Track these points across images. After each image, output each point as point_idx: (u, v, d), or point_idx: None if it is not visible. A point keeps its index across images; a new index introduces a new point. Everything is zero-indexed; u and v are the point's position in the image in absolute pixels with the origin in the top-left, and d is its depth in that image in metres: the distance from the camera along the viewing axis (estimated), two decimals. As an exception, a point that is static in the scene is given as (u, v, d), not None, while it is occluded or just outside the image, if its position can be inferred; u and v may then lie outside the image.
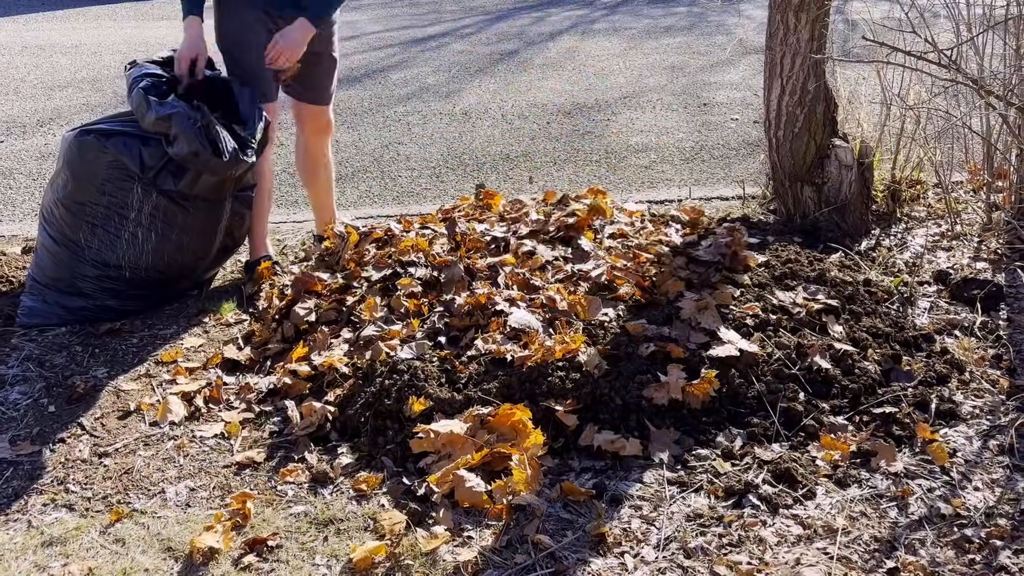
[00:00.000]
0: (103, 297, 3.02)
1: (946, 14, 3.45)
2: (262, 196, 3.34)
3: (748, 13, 8.57)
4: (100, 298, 3.01)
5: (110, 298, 3.03)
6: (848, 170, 3.39)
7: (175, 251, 3.06)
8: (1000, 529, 1.93)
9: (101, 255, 2.98)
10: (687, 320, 2.53)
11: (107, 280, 3.00)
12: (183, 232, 3.05)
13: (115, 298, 3.03)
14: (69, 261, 2.98)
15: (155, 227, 2.99)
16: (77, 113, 5.79)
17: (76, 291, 3.00)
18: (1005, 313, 2.83)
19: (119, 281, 3.02)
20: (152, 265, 3.04)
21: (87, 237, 2.97)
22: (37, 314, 3.00)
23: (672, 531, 1.97)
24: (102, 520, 2.08)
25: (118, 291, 3.03)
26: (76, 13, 10.11)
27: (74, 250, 2.98)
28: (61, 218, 2.99)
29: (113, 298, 3.03)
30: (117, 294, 3.03)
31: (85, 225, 2.96)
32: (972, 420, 2.33)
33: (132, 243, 2.99)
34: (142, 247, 3.00)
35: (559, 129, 5.26)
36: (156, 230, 3.00)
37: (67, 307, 3.00)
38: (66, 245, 2.98)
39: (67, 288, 3.00)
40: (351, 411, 2.37)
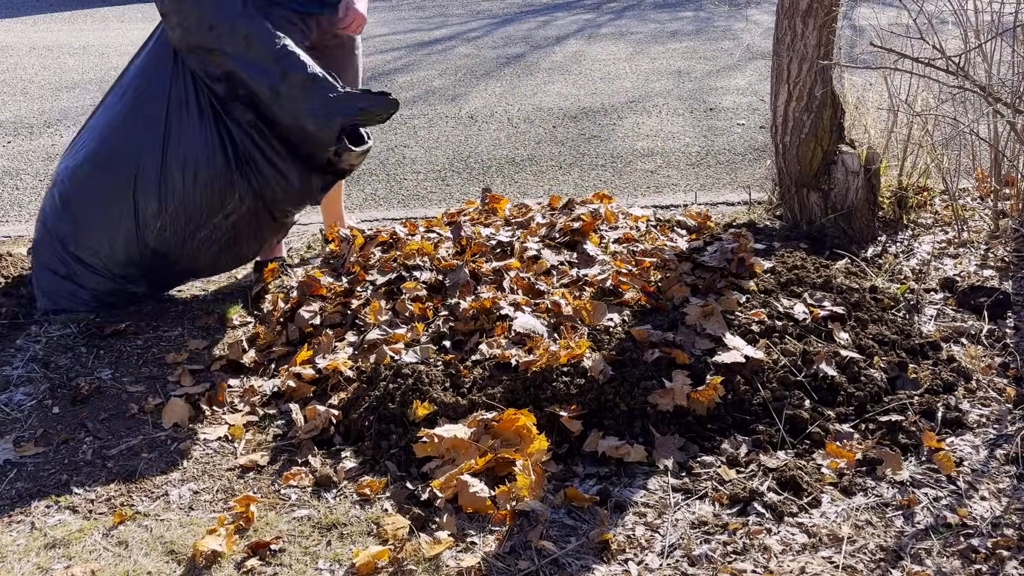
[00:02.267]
0: (129, 282, 3.02)
1: (954, 21, 3.44)
2: None
3: (755, 18, 8.57)
4: (125, 283, 3.01)
5: (136, 283, 3.03)
6: (855, 176, 3.38)
7: (234, 256, 3.08)
8: (1007, 539, 1.92)
9: (164, 244, 2.94)
10: (692, 326, 2.52)
11: (138, 267, 3.00)
12: (253, 238, 3.07)
13: (139, 283, 3.03)
14: (121, 241, 2.93)
15: (235, 232, 3.01)
16: (84, 114, 5.80)
17: (109, 274, 2.98)
18: (1012, 321, 2.82)
19: (151, 269, 3.01)
20: (203, 266, 3.04)
21: (165, 223, 2.91)
22: (63, 296, 2.97)
23: (676, 538, 1.96)
24: (105, 522, 2.08)
25: (146, 277, 3.03)
26: (84, 14, 10.14)
27: (139, 232, 2.92)
28: (163, 218, 2.91)
29: (137, 283, 3.03)
30: (144, 280, 3.03)
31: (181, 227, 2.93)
32: (979, 429, 2.32)
33: (205, 242, 2.97)
34: (207, 249, 2.99)
35: (565, 133, 5.26)
36: (233, 235, 3.01)
37: (97, 291, 2.98)
38: (133, 227, 2.91)
39: (101, 269, 2.98)
40: (355, 415, 2.37)
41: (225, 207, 2.95)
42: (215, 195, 2.92)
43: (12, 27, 9.48)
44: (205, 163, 2.87)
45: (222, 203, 2.94)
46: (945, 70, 2.92)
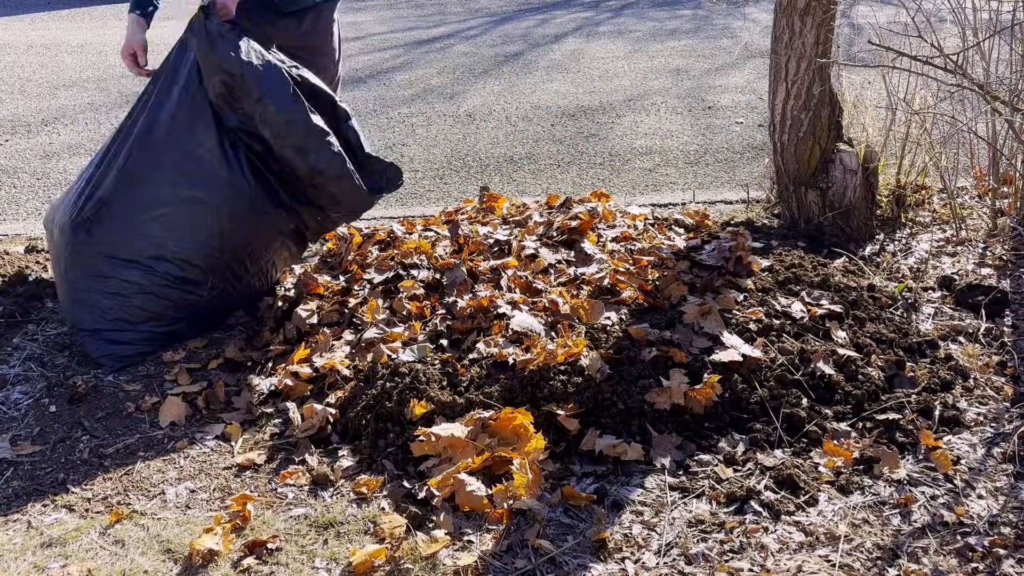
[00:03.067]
0: (179, 321, 2.86)
1: (952, 19, 3.44)
2: None
3: (753, 16, 8.56)
4: (177, 322, 2.85)
5: (184, 321, 2.87)
6: (853, 175, 3.38)
7: (269, 282, 3.05)
8: (1004, 538, 1.92)
9: (213, 298, 2.84)
10: (690, 324, 2.52)
11: (188, 321, 2.86)
12: (285, 263, 3.07)
13: (188, 320, 2.88)
14: (170, 297, 2.78)
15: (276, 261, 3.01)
16: (82, 112, 5.80)
17: (166, 319, 2.82)
18: (1010, 319, 2.82)
19: (199, 318, 2.89)
20: (241, 300, 2.98)
21: (216, 277, 2.82)
22: (123, 352, 2.77)
23: (673, 537, 1.96)
24: (102, 521, 2.08)
25: (194, 313, 2.88)
26: (82, 12, 10.13)
27: (186, 288, 2.78)
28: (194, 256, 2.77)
29: (186, 320, 2.87)
30: (191, 316, 2.88)
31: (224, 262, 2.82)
32: (976, 427, 2.32)
33: (248, 285, 2.94)
34: (248, 287, 2.94)
35: (563, 131, 5.26)
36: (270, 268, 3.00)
37: (153, 333, 2.81)
38: (178, 285, 2.77)
39: (155, 320, 2.81)
40: (352, 413, 2.36)
41: (268, 252, 2.94)
42: (261, 246, 2.90)
43: (10, 25, 9.47)
44: (254, 222, 2.82)
45: (266, 249, 2.93)
46: (943, 68, 2.92)
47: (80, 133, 5.40)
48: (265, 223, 2.86)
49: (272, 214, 2.86)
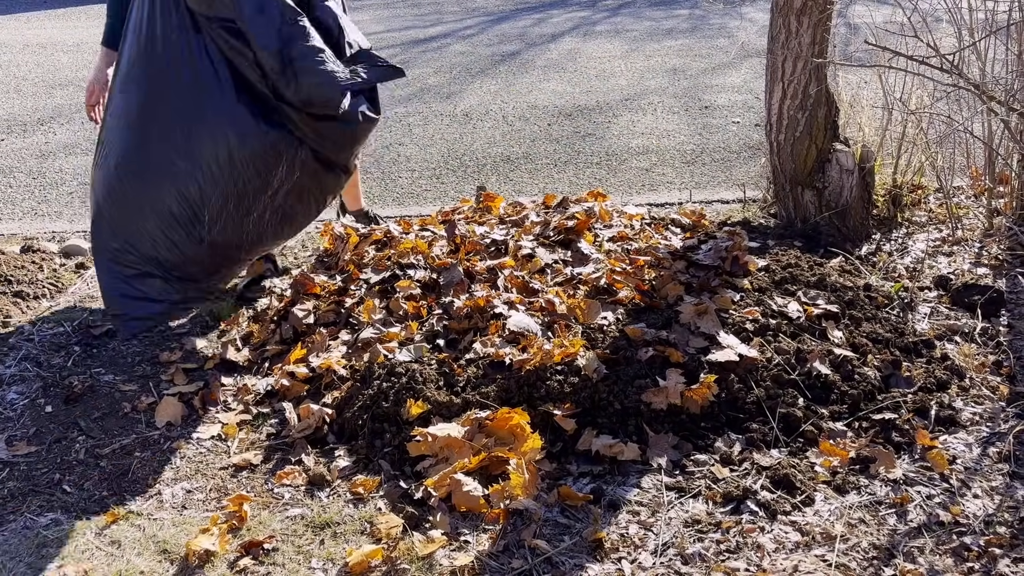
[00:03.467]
0: (198, 280, 2.87)
1: (948, 19, 3.44)
2: None
3: (750, 16, 8.57)
4: (194, 283, 2.86)
5: (205, 279, 2.88)
6: (849, 174, 3.38)
7: (299, 222, 2.94)
8: (999, 537, 1.92)
9: (221, 235, 2.79)
10: (686, 324, 2.52)
11: (202, 263, 2.84)
12: (314, 199, 2.96)
13: (209, 278, 2.88)
14: (176, 245, 2.79)
15: (294, 196, 2.88)
16: (78, 112, 5.78)
17: (174, 279, 2.83)
18: (1006, 319, 2.82)
19: (216, 262, 2.86)
20: (268, 242, 2.91)
21: (215, 213, 2.76)
22: (136, 317, 2.81)
23: (670, 537, 1.96)
24: (98, 522, 2.07)
25: (214, 271, 2.87)
26: (78, 11, 10.10)
27: (191, 230, 2.77)
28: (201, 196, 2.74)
29: (207, 279, 2.88)
30: (213, 275, 2.88)
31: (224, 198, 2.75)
32: (972, 427, 2.32)
33: (262, 219, 2.80)
34: (267, 224, 2.84)
35: (560, 131, 5.26)
36: (292, 202, 2.88)
37: (167, 299, 2.83)
38: (185, 224, 2.77)
39: (165, 276, 2.82)
40: (348, 413, 2.36)
41: (272, 179, 2.80)
42: (259, 170, 2.77)
43: (6, 24, 9.45)
44: (238, 141, 2.72)
45: (268, 175, 2.79)
46: (939, 68, 2.92)
47: (76, 132, 5.39)
48: (263, 144, 2.75)
49: (269, 134, 2.75)
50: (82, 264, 3.50)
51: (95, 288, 3.29)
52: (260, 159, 2.77)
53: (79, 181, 4.56)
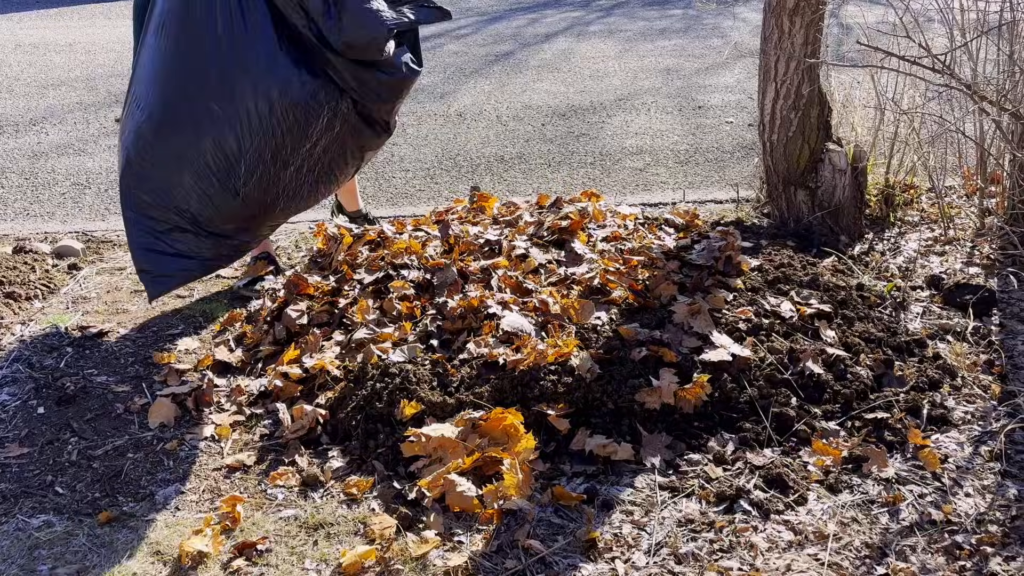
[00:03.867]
0: (233, 237, 2.81)
1: (940, 19, 3.46)
2: None
3: (743, 16, 8.58)
4: (229, 239, 2.81)
5: (240, 235, 2.82)
6: (842, 174, 3.39)
7: (335, 181, 2.88)
8: (991, 536, 1.93)
9: (257, 188, 2.71)
10: (680, 324, 2.53)
11: (237, 219, 2.78)
12: (352, 156, 2.90)
13: (244, 234, 2.82)
14: (210, 198, 2.71)
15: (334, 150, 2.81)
16: (70, 112, 5.77)
17: (208, 235, 2.77)
18: (997, 318, 2.83)
19: (251, 216, 2.79)
20: (304, 199, 2.85)
21: (251, 165, 2.67)
22: (170, 275, 2.75)
23: (663, 536, 1.96)
24: (90, 523, 2.07)
25: (248, 227, 2.81)
26: (70, 11, 10.07)
27: (226, 183, 2.69)
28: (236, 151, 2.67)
29: (241, 235, 2.82)
30: (247, 230, 2.82)
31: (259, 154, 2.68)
32: (964, 426, 2.33)
33: (298, 174, 2.74)
34: (304, 181, 2.77)
35: (554, 131, 5.26)
36: (331, 159, 2.82)
37: (201, 256, 2.78)
38: (220, 177, 2.68)
39: (199, 233, 2.76)
40: (342, 414, 2.36)
41: (311, 131, 2.74)
42: (298, 120, 2.70)
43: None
44: (279, 90, 2.64)
45: (308, 126, 2.72)
46: (931, 68, 2.93)
47: (69, 133, 5.37)
48: (304, 93, 2.67)
49: (311, 83, 2.68)
50: (75, 265, 3.49)
51: (88, 289, 3.29)
52: (301, 109, 2.69)
53: (72, 181, 4.55)
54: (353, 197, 3.67)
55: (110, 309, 3.13)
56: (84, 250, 3.62)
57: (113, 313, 3.10)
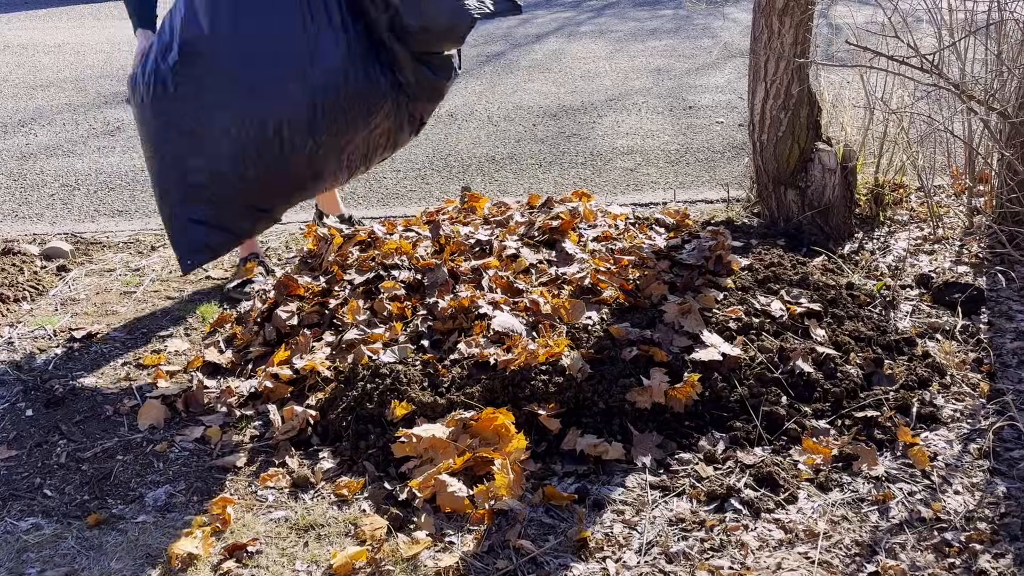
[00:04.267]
0: (272, 211, 2.92)
1: (928, 19, 3.47)
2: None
3: (733, 16, 8.60)
4: (268, 213, 2.91)
5: (278, 208, 2.94)
6: (831, 174, 3.40)
7: (366, 166, 2.97)
8: (980, 533, 1.94)
9: (316, 164, 2.80)
10: (670, 324, 2.53)
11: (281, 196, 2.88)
12: (388, 147, 2.98)
13: (281, 208, 2.94)
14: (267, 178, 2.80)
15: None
16: (59, 113, 5.74)
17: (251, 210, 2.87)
18: (986, 317, 2.85)
19: (294, 191, 2.90)
20: (339, 178, 2.93)
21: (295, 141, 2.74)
22: (204, 236, 2.81)
23: (654, 536, 1.96)
24: (79, 526, 2.06)
25: (289, 199, 2.93)
26: (59, 12, 10.02)
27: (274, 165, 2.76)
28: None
29: (280, 208, 2.94)
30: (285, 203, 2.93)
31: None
32: (953, 424, 2.34)
33: (352, 155, 2.84)
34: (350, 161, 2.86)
35: (545, 131, 5.26)
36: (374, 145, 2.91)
37: (236, 228, 2.88)
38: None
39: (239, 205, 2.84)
40: (333, 415, 2.36)
41: (362, 118, 2.80)
42: (363, 108, 2.77)
43: (-14, 25, 9.36)
44: (353, 75, 2.72)
45: (369, 114, 2.80)
46: (920, 68, 2.94)
47: (58, 134, 5.35)
48: (365, 86, 2.75)
49: (374, 77, 2.76)
50: (63, 267, 3.48)
51: (76, 291, 3.27)
52: (363, 98, 2.77)
53: (61, 183, 4.53)
54: (335, 203, 3.66)
55: (99, 311, 3.12)
56: (73, 252, 3.60)
57: (102, 315, 3.08)
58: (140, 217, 4.09)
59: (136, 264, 3.51)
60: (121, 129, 5.39)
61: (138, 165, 4.76)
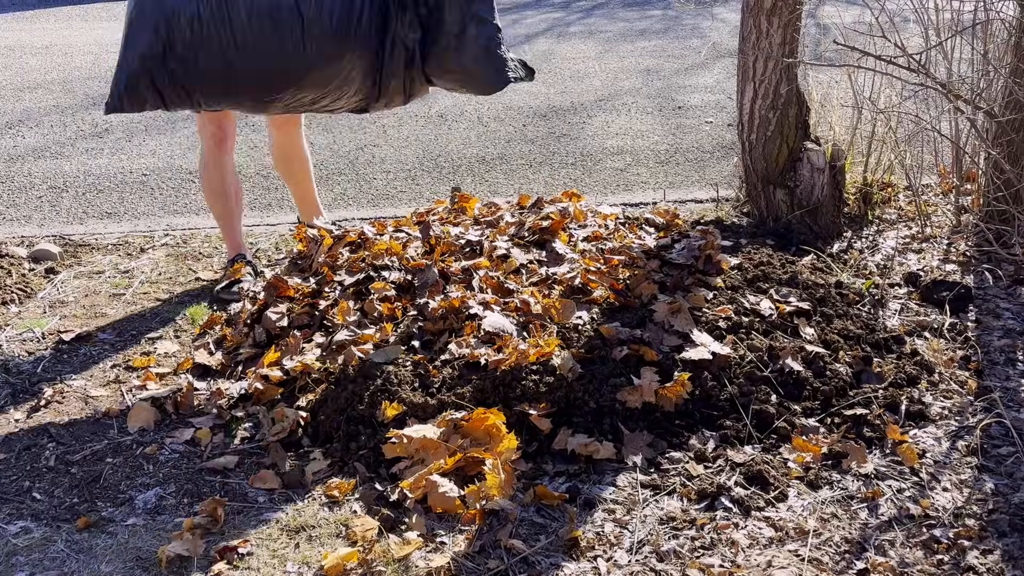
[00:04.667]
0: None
1: (915, 19, 3.49)
2: (235, 197, 3.34)
3: (722, 17, 8.63)
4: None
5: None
6: (820, 173, 3.41)
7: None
8: (968, 529, 1.95)
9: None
10: (660, 323, 2.54)
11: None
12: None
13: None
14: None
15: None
16: (47, 115, 5.71)
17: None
18: (973, 315, 2.87)
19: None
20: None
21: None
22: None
23: (645, 534, 1.97)
24: (69, 529, 2.05)
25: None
26: (47, 13, 9.98)
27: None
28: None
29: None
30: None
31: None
32: (941, 421, 2.35)
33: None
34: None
35: (535, 132, 5.26)
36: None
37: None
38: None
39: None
40: (323, 416, 2.35)
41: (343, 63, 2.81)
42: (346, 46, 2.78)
43: (-28, 26, 9.30)
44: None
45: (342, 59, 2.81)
46: (907, 68, 2.96)
47: (45, 136, 5.32)
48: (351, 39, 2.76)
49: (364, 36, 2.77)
50: (52, 269, 3.46)
51: (65, 293, 3.26)
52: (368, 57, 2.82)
53: (49, 185, 4.50)
54: (314, 208, 3.63)
55: (88, 313, 3.10)
56: (61, 254, 3.59)
57: (91, 317, 3.07)
58: (129, 219, 4.07)
59: (125, 266, 3.50)
60: (109, 131, 5.37)
61: (127, 167, 4.74)
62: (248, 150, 5.04)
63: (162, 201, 4.29)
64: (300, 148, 3.54)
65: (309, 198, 3.62)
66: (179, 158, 4.88)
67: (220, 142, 3.23)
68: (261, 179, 4.55)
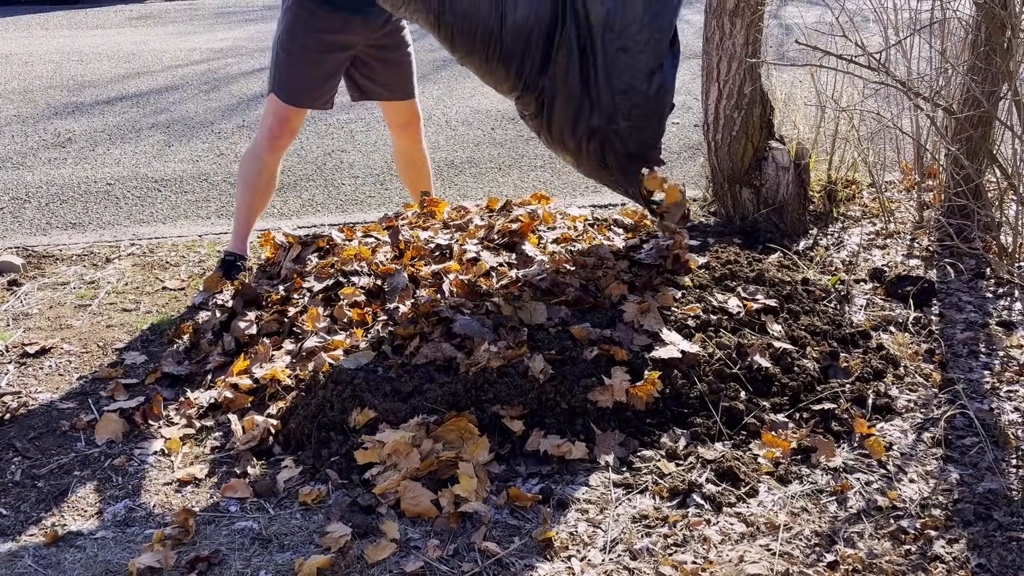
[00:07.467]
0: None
1: (875, 18, 3.55)
2: (262, 195, 3.38)
3: (686, 19, 8.70)
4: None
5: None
6: (785, 171, 3.46)
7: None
8: (934, 519, 1.99)
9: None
10: (630, 323, 2.55)
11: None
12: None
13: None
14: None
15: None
16: (7, 125, 5.63)
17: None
18: (937, 308, 2.92)
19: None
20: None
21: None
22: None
23: (618, 533, 1.98)
24: (37, 544, 2.02)
25: None
26: (6, 22, 9.82)
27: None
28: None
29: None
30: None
31: None
32: (907, 414, 2.39)
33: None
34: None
35: (504, 135, 5.27)
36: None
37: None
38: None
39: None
40: (294, 424, 2.34)
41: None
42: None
43: (-71, 36, 9.13)
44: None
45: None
46: (868, 67, 3.01)
47: (6, 146, 5.24)
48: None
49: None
50: (15, 281, 3.41)
51: (29, 305, 3.21)
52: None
53: (11, 196, 4.43)
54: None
55: (53, 325, 3.06)
56: (25, 265, 3.53)
57: (56, 329, 3.03)
58: (94, 229, 4.02)
59: (91, 277, 3.45)
60: (72, 140, 5.30)
61: (91, 176, 4.68)
62: (215, 157, 5.00)
63: (127, 210, 4.25)
64: (422, 151, 3.64)
65: (426, 179, 3.70)
66: (144, 167, 4.83)
67: (274, 139, 3.27)
68: (228, 187, 4.52)
